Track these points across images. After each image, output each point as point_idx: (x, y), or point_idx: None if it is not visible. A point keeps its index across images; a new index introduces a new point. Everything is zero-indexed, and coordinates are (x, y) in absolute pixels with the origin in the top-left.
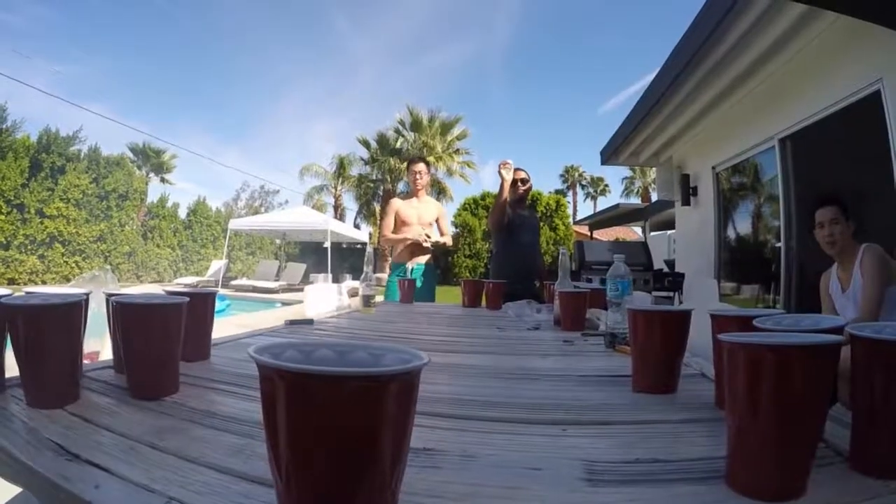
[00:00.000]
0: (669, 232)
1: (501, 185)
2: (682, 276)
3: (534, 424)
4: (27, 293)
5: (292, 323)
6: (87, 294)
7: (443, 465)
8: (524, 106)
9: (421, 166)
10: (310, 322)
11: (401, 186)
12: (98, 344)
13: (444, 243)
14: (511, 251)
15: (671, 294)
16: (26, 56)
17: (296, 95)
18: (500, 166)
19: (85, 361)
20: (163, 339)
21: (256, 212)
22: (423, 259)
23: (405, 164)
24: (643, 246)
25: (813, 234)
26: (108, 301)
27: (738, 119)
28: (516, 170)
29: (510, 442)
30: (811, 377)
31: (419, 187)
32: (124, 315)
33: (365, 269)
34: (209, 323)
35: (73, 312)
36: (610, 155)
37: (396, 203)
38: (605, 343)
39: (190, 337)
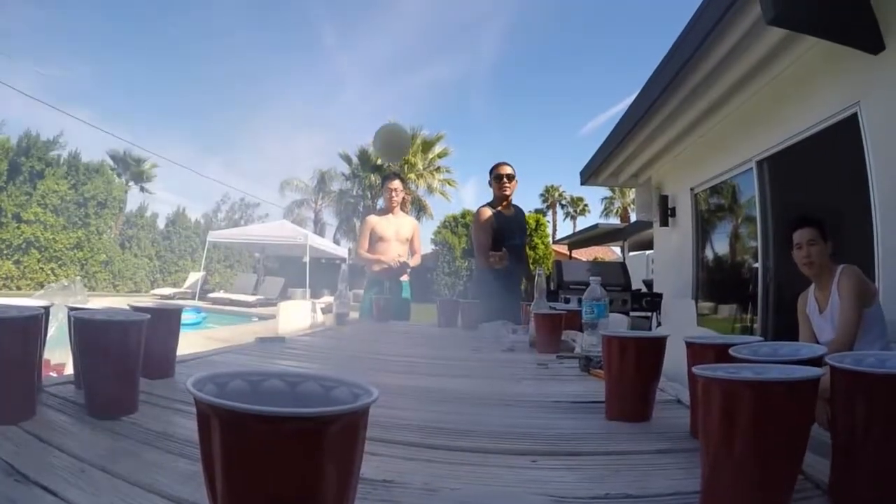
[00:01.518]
0: (648, 252)
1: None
2: (660, 296)
3: (503, 455)
4: None
5: (263, 340)
6: (47, 307)
7: (402, 499)
8: (506, 125)
9: (396, 183)
10: (281, 340)
11: (380, 203)
12: (65, 355)
13: (415, 265)
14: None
15: (649, 314)
16: (8, 56)
17: (279, 109)
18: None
19: (51, 374)
20: (121, 357)
21: (236, 224)
22: (401, 277)
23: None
24: (621, 266)
25: (791, 254)
26: (68, 315)
27: (716, 141)
28: (502, 164)
29: (476, 474)
30: (790, 413)
31: (394, 204)
32: (82, 331)
33: (339, 286)
34: (174, 340)
35: (29, 326)
36: (589, 176)
37: (372, 220)
38: (579, 366)
39: (153, 354)
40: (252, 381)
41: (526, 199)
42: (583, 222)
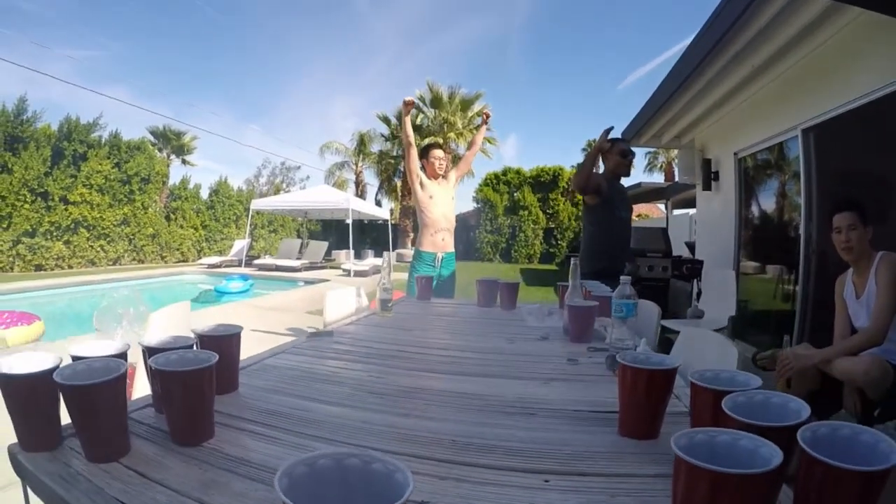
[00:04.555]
0: (691, 212)
1: (594, 149)
2: (700, 263)
3: (521, 473)
4: (73, 358)
5: (313, 336)
6: (127, 363)
7: None
8: (543, 81)
9: (440, 152)
10: (329, 334)
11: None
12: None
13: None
14: (609, 226)
15: (689, 281)
16: (44, 46)
17: (315, 73)
18: (602, 133)
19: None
20: (198, 397)
21: (278, 189)
22: (451, 247)
23: (421, 147)
24: (662, 232)
25: (831, 236)
26: (142, 350)
27: (761, 106)
28: (619, 140)
29: (496, 495)
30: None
31: (440, 173)
32: (163, 379)
33: (382, 275)
34: (236, 358)
35: (118, 383)
36: (631, 137)
37: (423, 176)
38: (606, 364)
39: (221, 374)
40: (308, 463)
41: (569, 153)
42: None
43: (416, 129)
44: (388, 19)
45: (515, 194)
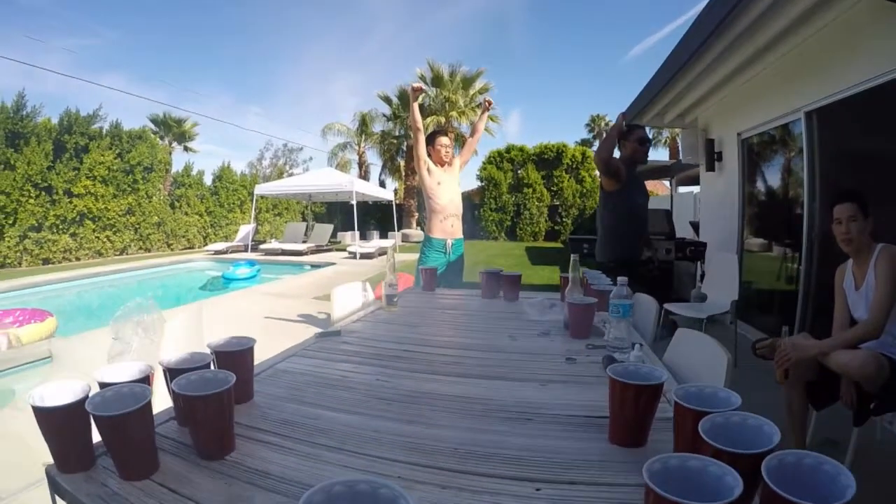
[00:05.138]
0: (695, 190)
1: (614, 129)
2: (703, 245)
3: (515, 481)
4: (100, 385)
5: (322, 336)
6: (150, 392)
7: None
8: (547, 55)
9: (445, 140)
10: (337, 333)
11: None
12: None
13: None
14: (627, 214)
15: (694, 263)
16: (38, 39)
17: (315, 52)
18: (619, 116)
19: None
20: (220, 416)
21: (281, 171)
22: (459, 233)
23: (427, 134)
24: (666, 214)
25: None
26: (163, 370)
27: (764, 87)
28: (637, 127)
29: (488, 503)
30: None
31: (446, 160)
32: (185, 402)
33: (387, 273)
34: (251, 370)
35: (146, 410)
36: (634, 116)
37: (430, 163)
38: (602, 364)
39: (237, 386)
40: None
41: (572, 129)
42: None
43: (419, 108)
44: None
45: (519, 172)
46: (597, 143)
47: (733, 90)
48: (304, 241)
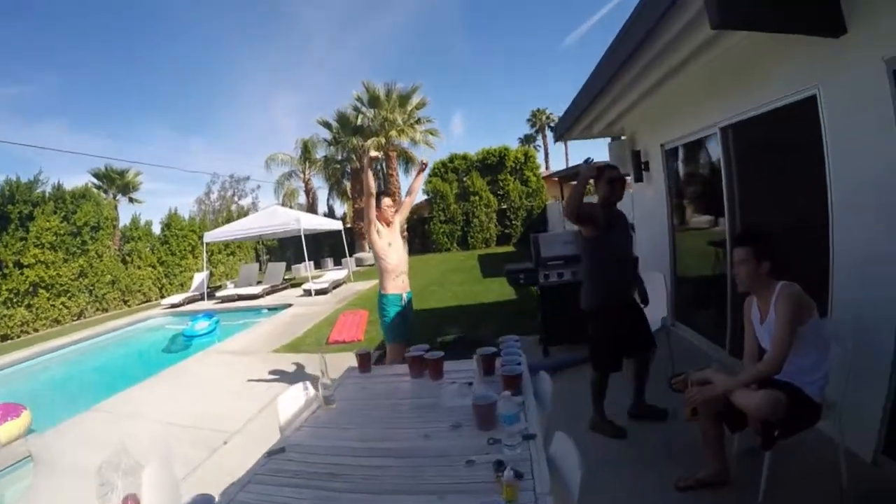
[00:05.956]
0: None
1: (580, 179)
2: (636, 259)
3: None
4: None
5: (270, 455)
6: None
7: None
8: (485, 54)
9: (389, 200)
10: (283, 450)
11: (370, 143)
12: None
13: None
14: (607, 260)
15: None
16: None
17: (252, 75)
18: (585, 168)
19: None
20: None
21: (230, 203)
22: (409, 286)
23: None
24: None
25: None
26: None
27: (684, 102)
28: (608, 167)
29: None
30: None
31: (391, 219)
32: None
33: (321, 376)
34: None
35: None
36: (562, 133)
37: (379, 226)
38: (493, 467)
39: None
40: None
41: (514, 126)
42: (574, 145)
43: (358, 130)
44: (319, 9)
45: (464, 180)
46: (540, 138)
47: (655, 103)
48: (259, 283)
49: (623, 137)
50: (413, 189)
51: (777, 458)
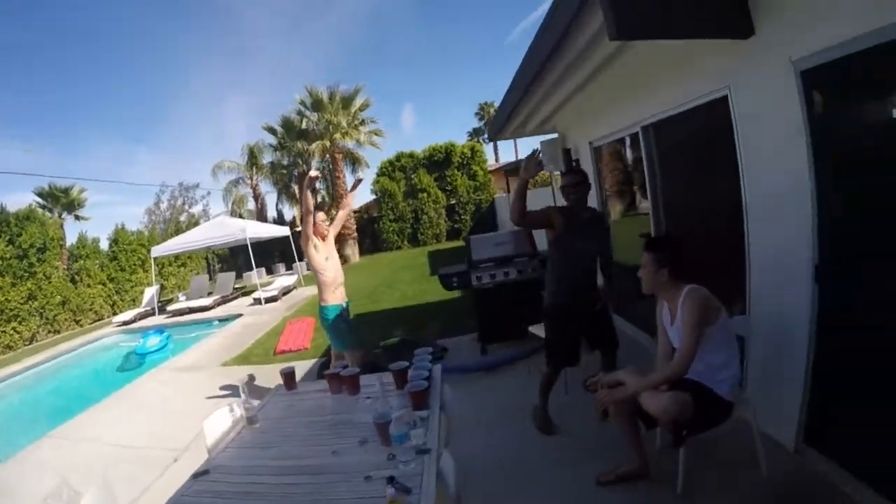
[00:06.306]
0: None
1: (519, 183)
2: (608, 256)
3: None
4: None
5: (195, 478)
6: None
7: None
8: (432, 48)
9: (322, 215)
10: (207, 472)
11: (316, 163)
12: None
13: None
14: (566, 260)
15: None
16: None
17: (197, 79)
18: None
19: None
20: None
21: (180, 213)
22: (346, 296)
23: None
24: (528, 234)
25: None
26: None
27: (607, 101)
28: (564, 174)
29: None
30: None
31: (326, 233)
32: None
33: (242, 396)
34: None
35: None
36: (496, 133)
37: (316, 241)
38: (386, 481)
39: None
40: None
41: (461, 120)
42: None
43: (302, 134)
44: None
45: (412, 178)
46: (487, 131)
47: (583, 102)
48: (210, 294)
49: (556, 135)
50: (346, 203)
51: (698, 450)
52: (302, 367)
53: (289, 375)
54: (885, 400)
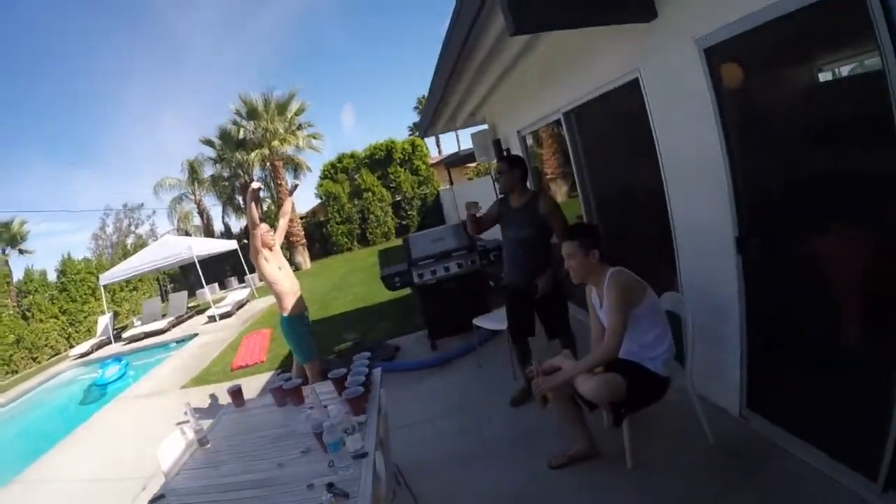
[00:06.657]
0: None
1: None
2: (544, 241)
3: None
4: None
5: (152, 502)
6: None
7: None
8: (369, 44)
9: (266, 226)
10: (162, 496)
11: (257, 172)
12: None
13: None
14: (504, 246)
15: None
16: None
17: (132, 94)
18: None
19: None
20: None
21: (127, 235)
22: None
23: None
24: (462, 226)
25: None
26: None
27: (530, 90)
28: (501, 159)
29: None
30: None
31: (272, 243)
32: None
33: (191, 420)
34: None
35: None
36: (426, 129)
37: (266, 253)
38: (325, 488)
39: None
40: None
41: (402, 115)
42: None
43: (241, 144)
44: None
45: (356, 178)
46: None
47: (507, 93)
48: (164, 316)
49: (486, 126)
50: (285, 211)
51: (649, 425)
52: (260, 380)
53: (236, 393)
54: (813, 358)
